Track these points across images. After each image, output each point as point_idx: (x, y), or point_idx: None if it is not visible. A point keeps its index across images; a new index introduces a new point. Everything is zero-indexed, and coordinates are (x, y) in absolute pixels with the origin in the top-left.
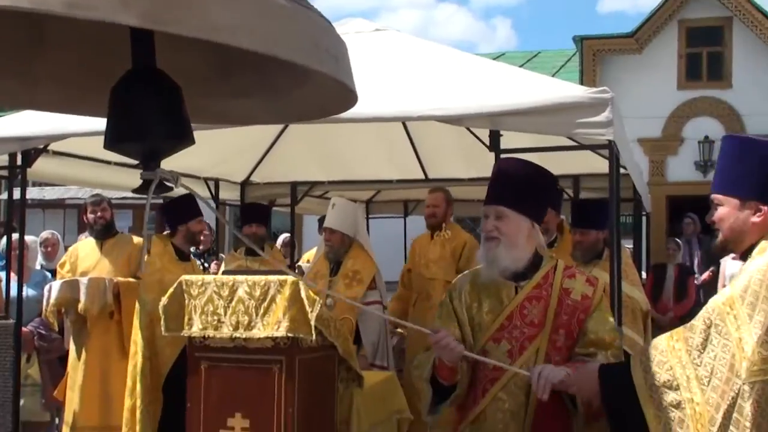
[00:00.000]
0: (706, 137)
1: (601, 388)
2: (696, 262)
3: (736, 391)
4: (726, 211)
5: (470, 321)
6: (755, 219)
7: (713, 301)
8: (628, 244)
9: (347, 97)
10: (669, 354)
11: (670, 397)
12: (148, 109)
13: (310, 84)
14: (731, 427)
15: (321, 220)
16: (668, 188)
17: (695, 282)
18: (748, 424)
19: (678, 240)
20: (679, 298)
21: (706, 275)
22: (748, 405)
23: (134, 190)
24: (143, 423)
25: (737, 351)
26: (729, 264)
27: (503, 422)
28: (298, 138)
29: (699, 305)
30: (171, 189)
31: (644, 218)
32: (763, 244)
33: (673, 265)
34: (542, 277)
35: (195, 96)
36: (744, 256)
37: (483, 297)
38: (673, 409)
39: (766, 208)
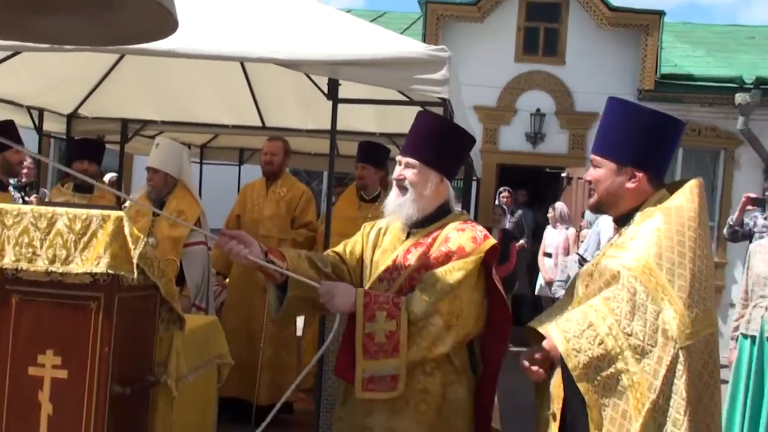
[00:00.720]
0: (538, 110)
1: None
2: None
3: (672, 356)
4: (602, 173)
5: (367, 259)
6: (630, 185)
7: (626, 269)
8: (457, 208)
9: (167, 21)
10: (599, 327)
11: (605, 372)
12: None
13: (126, 5)
14: (671, 393)
15: None
16: (499, 156)
17: (516, 247)
18: (685, 387)
19: (504, 206)
20: (500, 261)
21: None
22: (684, 368)
23: None
24: None
25: (667, 316)
26: (604, 226)
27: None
28: (133, 73)
29: (519, 269)
30: None
31: (475, 183)
32: (648, 210)
33: (498, 230)
34: (437, 228)
35: None
36: (619, 220)
37: (382, 240)
38: (609, 382)
39: (641, 174)
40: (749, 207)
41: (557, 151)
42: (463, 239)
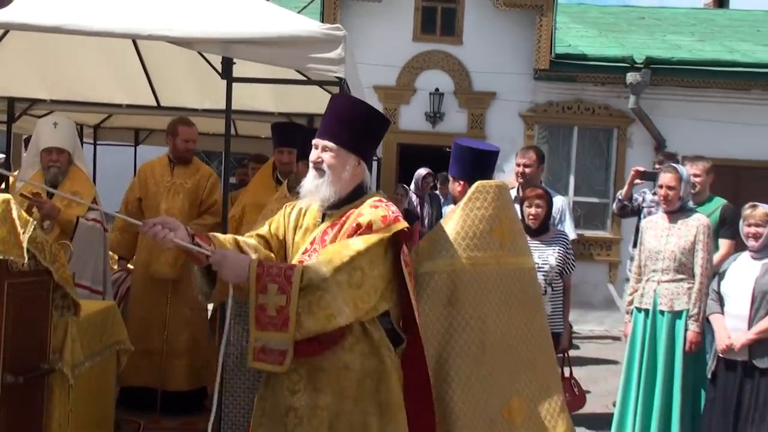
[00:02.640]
0: (437, 89)
1: None
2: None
3: None
4: None
5: (289, 240)
6: None
7: None
8: None
9: None
10: None
11: None
12: None
13: None
14: None
15: (26, 140)
16: (400, 136)
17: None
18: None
19: (405, 186)
20: None
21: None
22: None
23: None
24: None
25: None
26: None
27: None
28: (19, 50)
29: None
30: None
31: (375, 163)
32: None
33: (400, 210)
34: (351, 209)
35: None
36: None
37: (302, 220)
38: None
39: None
40: (638, 181)
41: (456, 130)
42: (375, 216)
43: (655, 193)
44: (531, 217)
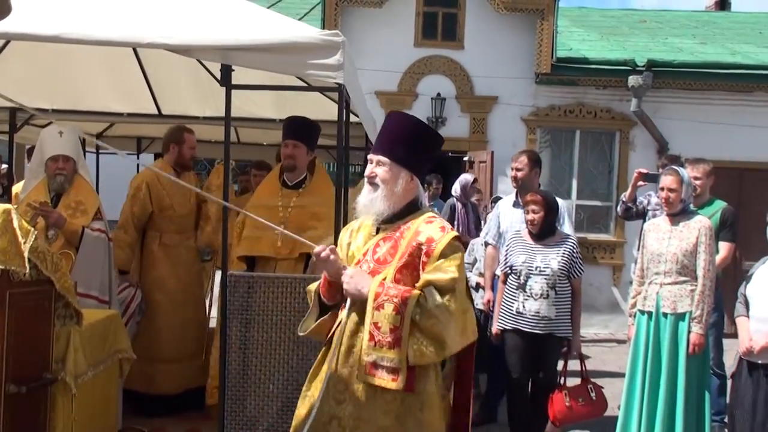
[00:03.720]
0: (438, 94)
1: None
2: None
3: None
4: None
5: (347, 257)
6: None
7: None
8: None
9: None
10: None
11: None
12: None
13: None
14: None
15: (30, 151)
16: None
17: None
18: None
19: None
20: None
21: None
22: None
23: None
24: None
25: None
26: (504, 210)
27: None
28: (20, 60)
29: None
30: None
31: None
32: None
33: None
34: (404, 223)
35: None
36: None
37: (356, 236)
38: None
39: None
40: (641, 183)
41: (458, 135)
42: (432, 230)
43: (659, 196)
44: (529, 222)
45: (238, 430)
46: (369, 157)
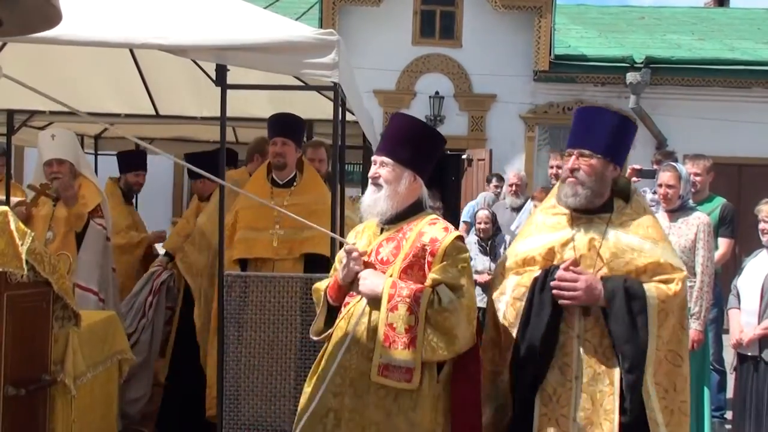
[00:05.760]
0: (437, 93)
1: None
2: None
3: None
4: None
5: None
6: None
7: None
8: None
9: (50, 13)
10: None
11: None
12: None
13: None
14: None
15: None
16: None
17: None
18: None
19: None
20: None
21: None
22: None
23: None
24: None
25: None
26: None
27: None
28: (17, 62)
29: None
30: None
31: None
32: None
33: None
34: (407, 224)
35: None
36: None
37: (361, 236)
38: None
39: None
40: (635, 179)
41: (457, 133)
42: (435, 231)
43: (655, 192)
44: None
45: (237, 430)
46: (373, 158)
